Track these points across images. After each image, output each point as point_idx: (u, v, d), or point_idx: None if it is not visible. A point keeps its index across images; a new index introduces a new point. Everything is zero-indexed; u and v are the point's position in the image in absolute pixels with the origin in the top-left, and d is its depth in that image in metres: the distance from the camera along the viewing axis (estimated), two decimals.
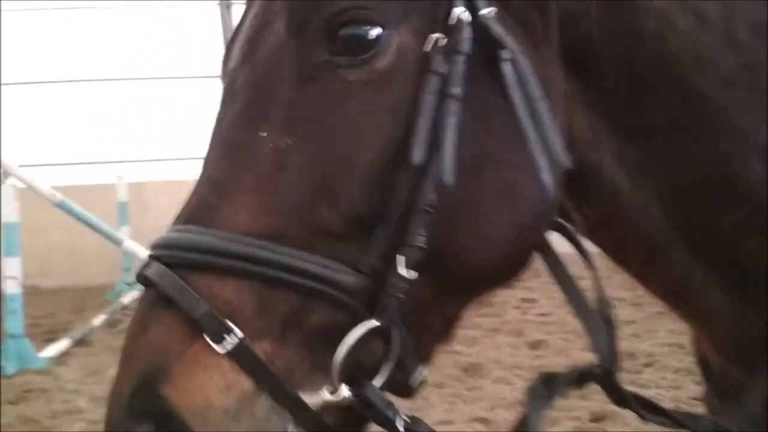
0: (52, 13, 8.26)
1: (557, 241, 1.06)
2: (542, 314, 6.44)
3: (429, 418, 0.98)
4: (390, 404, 0.84)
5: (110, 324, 6.53)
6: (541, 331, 5.91)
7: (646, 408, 1.05)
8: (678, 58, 0.98)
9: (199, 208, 0.84)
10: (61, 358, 5.63)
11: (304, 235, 0.81)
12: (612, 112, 0.99)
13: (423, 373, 0.89)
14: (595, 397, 4.53)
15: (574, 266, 1.07)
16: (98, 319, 6.48)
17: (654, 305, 1.32)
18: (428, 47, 0.85)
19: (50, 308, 7.01)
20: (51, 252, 7.81)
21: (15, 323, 5.50)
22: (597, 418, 4.28)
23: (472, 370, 4.99)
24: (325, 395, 0.80)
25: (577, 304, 1.03)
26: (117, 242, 6.21)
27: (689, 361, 1.55)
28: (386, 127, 0.83)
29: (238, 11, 8.57)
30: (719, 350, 1.18)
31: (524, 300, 6.74)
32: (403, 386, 0.88)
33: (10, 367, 5.26)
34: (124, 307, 7.06)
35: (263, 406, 0.79)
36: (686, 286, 1.07)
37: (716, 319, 1.09)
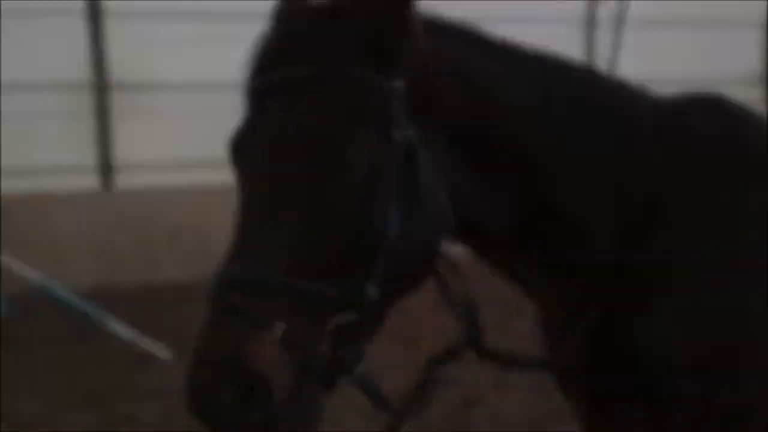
0: None
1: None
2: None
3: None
4: (357, 362, 1.38)
5: None
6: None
7: (502, 358, 1.66)
8: (519, 142, 1.54)
9: (244, 256, 1.32)
10: None
11: (311, 271, 1.31)
12: (479, 173, 1.51)
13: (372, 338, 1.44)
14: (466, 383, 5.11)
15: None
16: None
17: None
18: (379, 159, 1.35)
19: None
20: None
21: None
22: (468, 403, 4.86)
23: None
24: (322, 353, 1.31)
25: (449, 301, 1.59)
26: None
27: None
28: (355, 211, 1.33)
29: (106, 23, 8.43)
30: (557, 316, 1.77)
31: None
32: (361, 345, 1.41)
33: None
34: None
35: (295, 361, 1.27)
36: (531, 278, 1.69)
37: (551, 296, 1.72)
